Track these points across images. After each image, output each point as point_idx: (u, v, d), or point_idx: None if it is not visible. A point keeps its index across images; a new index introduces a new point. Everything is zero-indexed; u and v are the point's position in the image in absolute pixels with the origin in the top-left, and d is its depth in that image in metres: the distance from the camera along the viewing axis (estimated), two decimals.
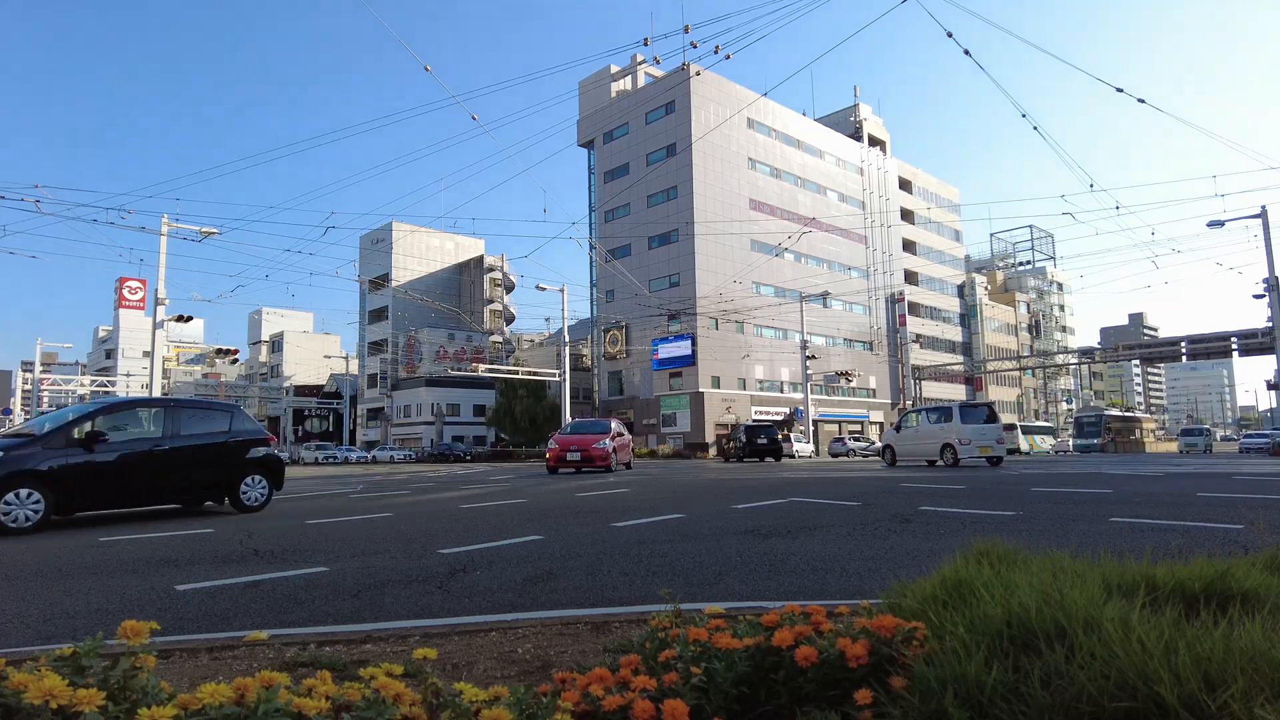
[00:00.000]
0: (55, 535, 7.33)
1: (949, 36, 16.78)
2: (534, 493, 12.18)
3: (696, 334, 52.28)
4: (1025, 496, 9.34)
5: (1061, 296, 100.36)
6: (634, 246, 57.31)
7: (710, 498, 10.19)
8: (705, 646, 1.80)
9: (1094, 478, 13.23)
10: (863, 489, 11.24)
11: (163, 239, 27.00)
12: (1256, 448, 40.19)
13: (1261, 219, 31.83)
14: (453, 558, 5.26)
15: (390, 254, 73.10)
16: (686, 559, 5.00)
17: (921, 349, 70.97)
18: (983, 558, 2.63)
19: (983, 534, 4.56)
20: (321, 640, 3.03)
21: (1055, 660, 1.57)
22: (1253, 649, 1.50)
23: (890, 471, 17.94)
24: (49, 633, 3.35)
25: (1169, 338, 60.00)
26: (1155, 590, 2.10)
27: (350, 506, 10.08)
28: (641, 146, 58.19)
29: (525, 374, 48.51)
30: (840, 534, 6.10)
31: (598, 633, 3.07)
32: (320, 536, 6.73)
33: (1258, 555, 2.68)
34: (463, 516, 8.32)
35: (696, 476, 17.01)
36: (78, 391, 65.29)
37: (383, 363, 71.68)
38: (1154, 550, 3.00)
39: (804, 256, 59.98)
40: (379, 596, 4.01)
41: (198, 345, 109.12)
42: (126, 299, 38.78)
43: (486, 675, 2.51)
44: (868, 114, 72.49)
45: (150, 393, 28.41)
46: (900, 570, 4.33)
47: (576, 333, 60.72)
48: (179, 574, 4.84)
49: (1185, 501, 8.25)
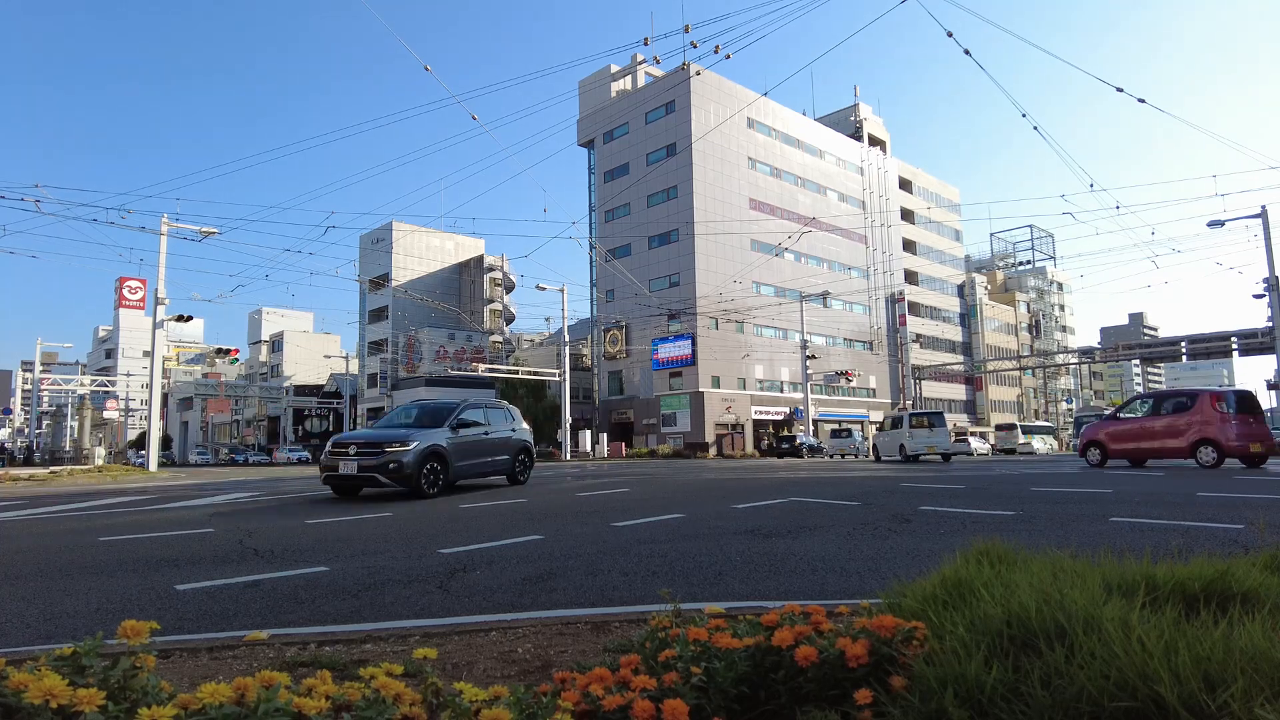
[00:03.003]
0: (56, 535, 7.33)
1: (949, 36, 16.79)
2: (534, 493, 12.18)
3: (696, 334, 52.28)
4: (1025, 496, 9.33)
5: (1061, 296, 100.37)
6: (634, 246, 57.31)
7: (710, 497, 10.19)
8: (705, 646, 1.80)
9: (1094, 478, 13.23)
10: (863, 489, 11.24)
11: (163, 239, 27.01)
12: None
13: (1261, 219, 31.85)
14: (453, 557, 5.26)
15: (390, 254, 73.07)
16: (686, 559, 5.00)
17: (921, 349, 70.99)
18: (983, 557, 2.64)
19: (983, 534, 4.57)
20: (321, 640, 3.03)
21: (1055, 660, 1.57)
22: (1253, 649, 1.50)
23: (890, 471, 17.94)
24: (49, 633, 3.35)
25: (1169, 337, 60.02)
26: (1155, 590, 2.10)
27: (349, 506, 10.08)
28: (641, 146, 58.18)
29: (525, 374, 48.52)
30: (840, 534, 6.10)
31: (598, 632, 3.07)
32: (320, 536, 6.73)
33: (1258, 555, 2.68)
34: (462, 516, 8.32)
35: (697, 476, 17.01)
36: (78, 391, 65.30)
37: (383, 362, 71.65)
38: (1154, 550, 3.00)
39: (804, 256, 59.98)
40: (379, 596, 4.02)
41: (198, 345, 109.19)
42: (126, 299, 38.73)
43: (486, 675, 2.51)
44: (868, 114, 72.49)
45: (150, 393, 28.39)
46: (900, 570, 4.33)
47: (576, 332, 60.73)
48: (179, 574, 4.84)
49: (1185, 501, 8.25)
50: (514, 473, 13.15)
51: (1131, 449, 17.89)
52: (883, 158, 70.92)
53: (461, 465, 11.59)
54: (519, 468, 13.29)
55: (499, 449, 12.74)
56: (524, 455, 13.44)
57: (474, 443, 12.02)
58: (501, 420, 13.11)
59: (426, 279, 73.73)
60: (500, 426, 12.97)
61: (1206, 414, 16.68)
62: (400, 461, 10.46)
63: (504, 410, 13.49)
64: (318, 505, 10.00)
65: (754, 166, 58.38)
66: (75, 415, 72.54)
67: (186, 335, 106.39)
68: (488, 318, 76.61)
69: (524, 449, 13.49)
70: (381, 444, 10.66)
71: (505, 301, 78.44)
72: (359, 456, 10.62)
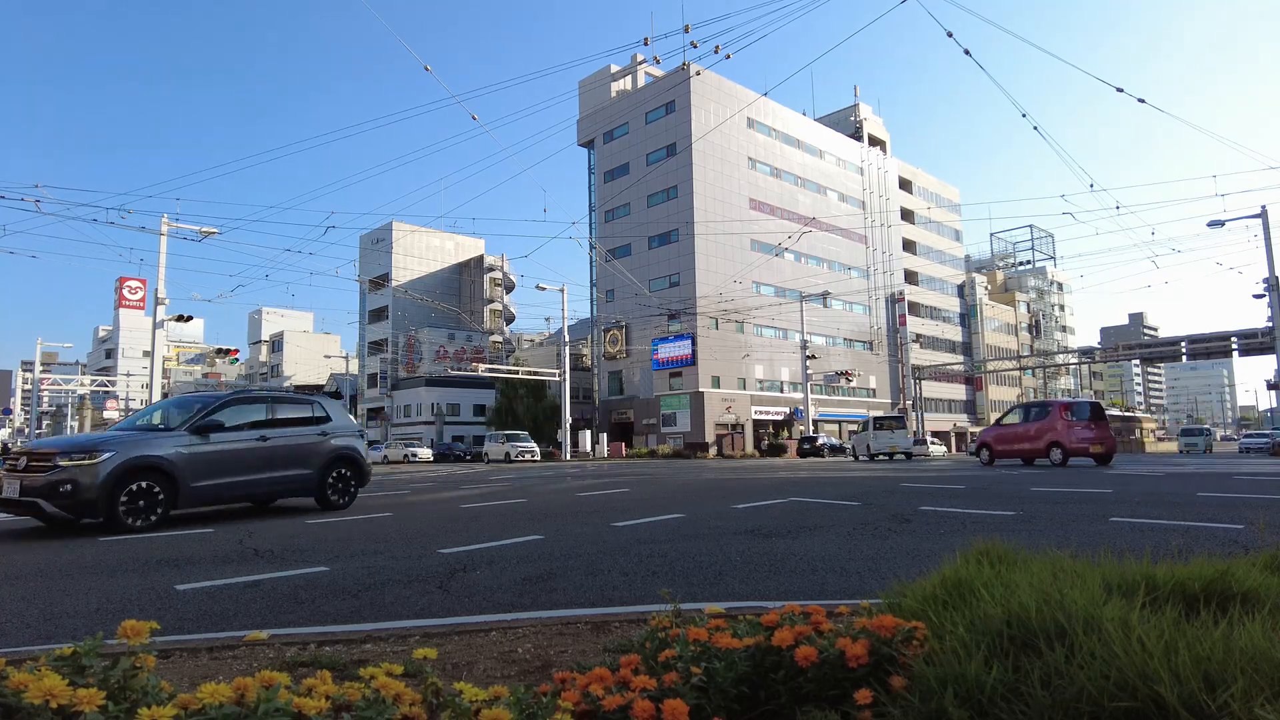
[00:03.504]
0: (56, 535, 7.33)
1: (949, 36, 16.78)
2: (534, 492, 12.19)
3: (696, 334, 52.27)
4: (1025, 496, 9.34)
5: (1061, 296, 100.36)
6: (634, 246, 57.30)
7: (710, 497, 10.19)
8: (705, 646, 1.80)
9: (1094, 478, 13.23)
10: (863, 489, 11.24)
11: (163, 239, 27.00)
12: (1256, 447, 40.22)
13: (1261, 219, 31.84)
14: (453, 557, 5.26)
15: (390, 254, 73.10)
16: (686, 559, 5.00)
17: (921, 349, 70.96)
18: (983, 557, 2.63)
19: (983, 534, 4.56)
20: (321, 640, 3.03)
21: (1055, 660, 1.57)
22: (1253, 649, 1.50)
23: (890, 471, 17.95)
24: (49, 633, 3.35)
25: (1169, 337, 60.00)
26: (1155, 590, 2.10)
27: (349, 506, 10.08)
28: (641, 146, 58.17)
29: (525, 374, 48.52)
30: (840, 534, 6.10)
31: (598, 632, 3.07)
32: (320, 536, 6.73)
33: (1258, 555, 2.68)
34: (463, 516, 8.32)
35: (696, 476, 17.01)
36: (78, 392, 65.29)
37: (383, 362, 71.69)
38: (1154, 550, 3.00)
39: (804, 256, 59.97)
40: (379, 596, 4.02)
41: (198, 345, 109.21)
42: (126, 299, 38.79)
43: (486, 675, 2.51)
44: (868, 114, 72.48)
45: (150, 393, 28.39)
46: (900, 570, 4.33)
47: (576, 332, 60.72)
48: (179, 574, 4.84)
49: (1185, 501, 8.25)
50: (323, 492, 9.58)
51: (1009, 449, 20.66)
52: (883, 158, 70.91)
53: (205, 485, 8.31)
54: (334, 484, 9.70)
55: (291, 460, 9.28)
56: (343, 468, 9.83)
57: (235, 453, 8.73)
58: (303, 421, 9.71)
59: (426, 279, 73.76)
60: (298, 430, 9.55)
61: (1056, 422, 19.44)
62: (75, 482, 7.27)
63: (312, 406, 10.06)
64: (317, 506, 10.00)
65: (754, 166, 58.37)
66: (75, 415, 72.62)
67: (186, 335, 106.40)
68: (488, 318, 76.63)
69: (342, 458, 9.84)
70: (53, 454, 7.55)
71: (505, 301, 78.46)
72: (25, 474, 7.50)
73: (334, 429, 9.96)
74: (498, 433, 43.95)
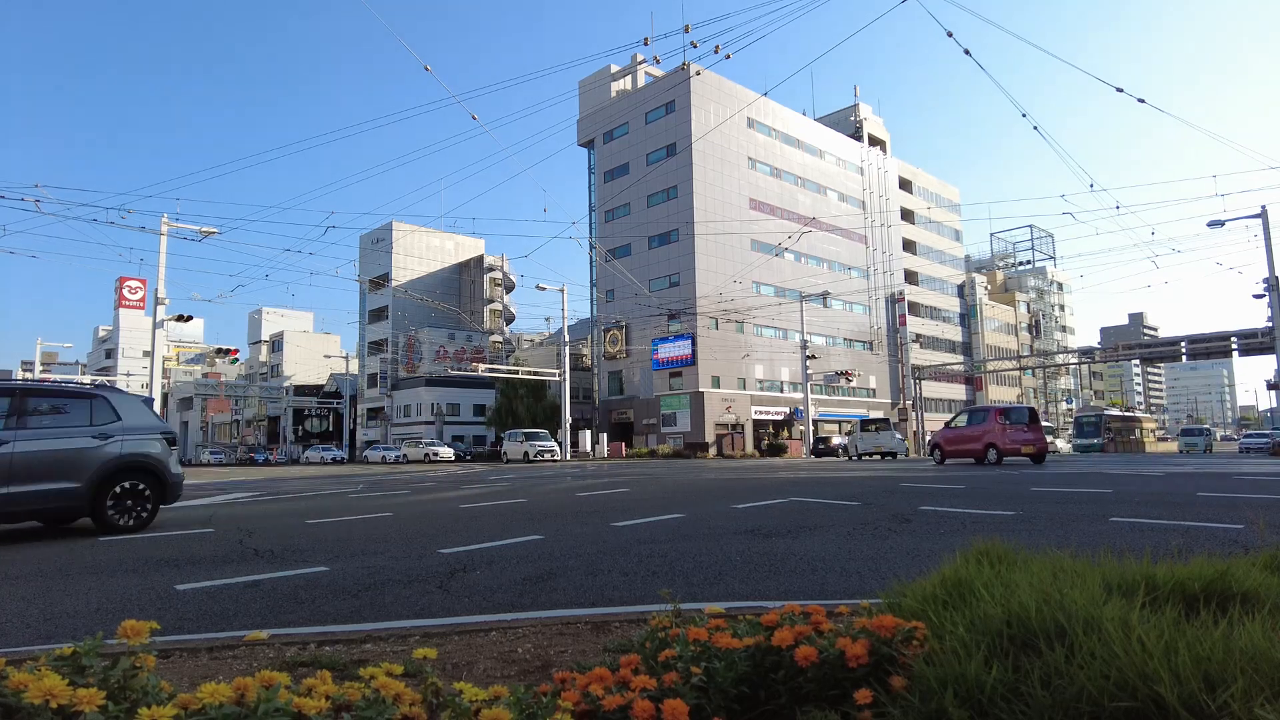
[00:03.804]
0: (55, 535, 7.32)
1: (949, 36, 16.78)
2: (534, 492, 12.18)
3: (696, 334, 52.26)
4: (1025, 496, 9.33)
5: (1061, 296, 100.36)
6: (634, 246, 57.28)
7: (710, 497, 10.19)
8: (705, 646, 1.80)
9: (1094, 478, 13.23)
10: (863, 489, 11.23)
11: (163, 239, 27.00)
12: (1256, 447, 40.18)
13: (1261, 219, 31.81)
14: (453, 557, 5.26)
15: (390, 254, 73.09)
16: (686, 559, 5.00)
17: (921, 349, 70.95)
18: (983, 557, 2.63)
19: (983, 534, 4.56)
20: (321, 640, 3.03)
21: (1055, 660, 1.57)
22: (1253, 649, 1.50)
23: (890, 471, 17.95)
24: (49, 633, 3.35)
25: (1169, 337, 59.99)
26: (1155, 590, 2.10)
27: (350, 506, 10.08)
28: (641, 146, 58.16)
29: (525, 374, 48.50)
30: (840, 534, 6.10)
31: (598, 632, 3.07)
32: (320, 536, 6.73)
33: (1257, 555, 2.68)
34: (463, 516, 8.32)
35: (697, 476, 17.00)
36: None
37: (383, 362, 71.68)
38: (1154, 550, 3.00)
39: (804, 256, 59.95)
40: (379, 596, 4.02)
41: (198, 345, 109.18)
42: (126, 299, 38.70)
43: (486, 675, 2.51)
44: (868, 114, 72.46)
45: (150, 393, 28.40)
46: (900, 570, 4.33)
47: (576, 332, 60.71)
48: (179, 574, 4.84)
49: (1185, 501, 8.25)
50: (100, 510, 7.41)
51: (957, 449, 22.26)
52: (883, 158, 70.90)
53: None
54: (118, 500, 7.54)
55: (44, 471, 7.07)
56: (133, 479, 7.68)
57: None
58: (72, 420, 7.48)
59: (426, 279, 73.75)
60: (60, 431, 7.35)
61: (992, 425, 21.19)
62: None
63: (91, 402, 7.74)
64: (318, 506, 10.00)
65: (754, 166, 58.36)
66: None
67: (186, 335, 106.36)
68: (488, 318, 76.61)
69: (132, 468, 7.70)
70: None
71: (505, 301, 78.45)
72: None
73: (122, 430, 7.73)
74: (517, 431, 43.16)
